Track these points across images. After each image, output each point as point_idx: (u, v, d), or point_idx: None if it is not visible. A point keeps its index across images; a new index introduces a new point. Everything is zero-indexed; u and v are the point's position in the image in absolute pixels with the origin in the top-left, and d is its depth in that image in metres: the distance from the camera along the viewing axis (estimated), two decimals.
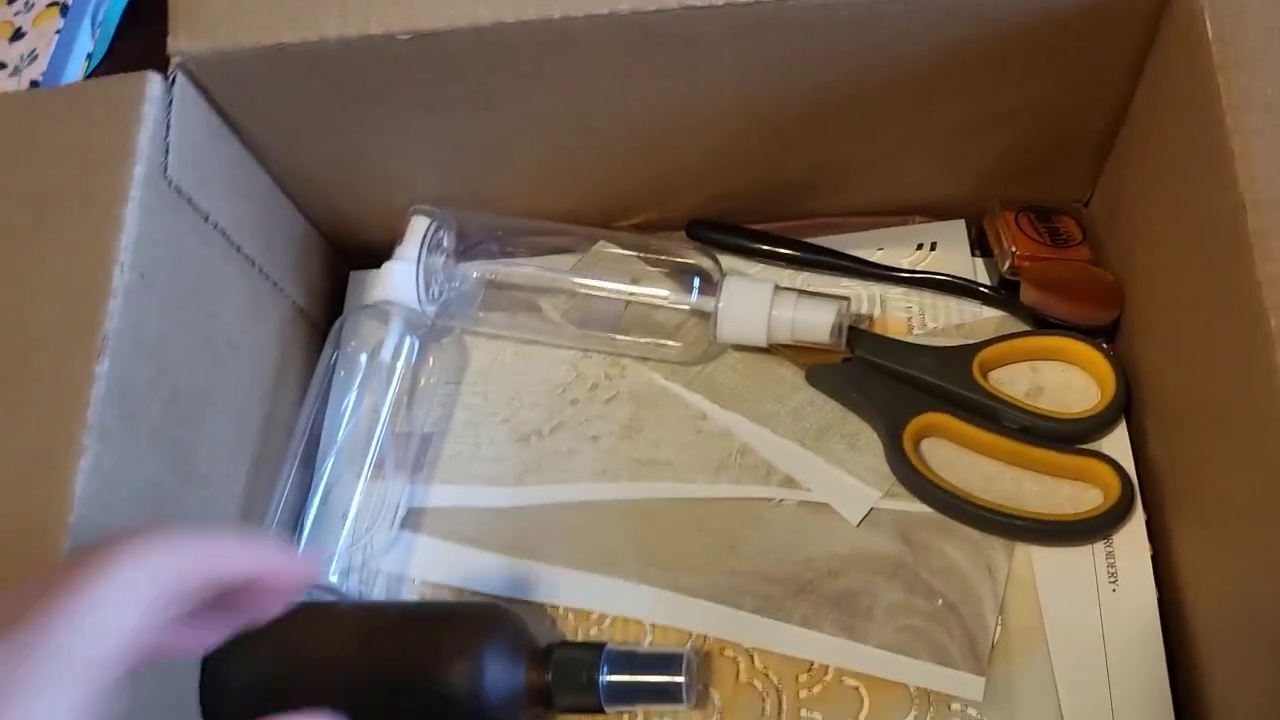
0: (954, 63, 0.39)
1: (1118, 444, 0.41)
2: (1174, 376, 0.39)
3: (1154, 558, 0.39)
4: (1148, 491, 0.40)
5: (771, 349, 0.44)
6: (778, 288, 0.43)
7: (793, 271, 0.47)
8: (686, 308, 0.44)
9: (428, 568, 0.43)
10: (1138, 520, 0.39)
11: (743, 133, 0.43)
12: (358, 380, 0.45)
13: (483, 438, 0.45)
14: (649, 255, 0.46)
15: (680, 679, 0.37)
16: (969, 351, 0.42)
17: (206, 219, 0.41)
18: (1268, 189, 0.31)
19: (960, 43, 0.38)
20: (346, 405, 0.45)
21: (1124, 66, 0.39)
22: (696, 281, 0.44)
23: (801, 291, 0.43)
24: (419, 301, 0.45)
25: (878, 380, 0.42)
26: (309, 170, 0.46)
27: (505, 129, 0.43)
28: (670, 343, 0.45)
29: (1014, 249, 0.44)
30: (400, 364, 0.45)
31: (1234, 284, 0.32)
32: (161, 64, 0.39)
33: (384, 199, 0.48)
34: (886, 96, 0.41)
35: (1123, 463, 0.40)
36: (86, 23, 0.60)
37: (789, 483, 0.42)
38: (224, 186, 0.42)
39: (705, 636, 0.39)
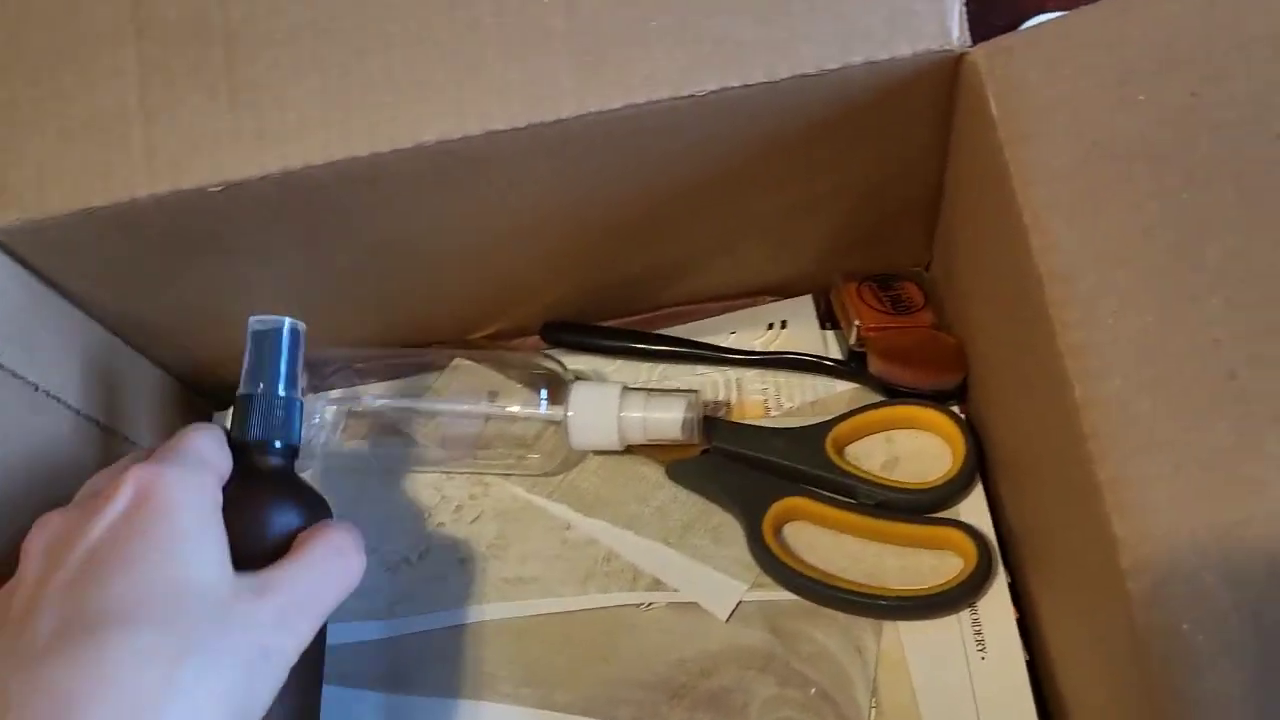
0: (765, 156, 0.39)
1: (975, 508, 0.41)
2: (1012, 438, 0.39)
3: (1021, 620, 0.39)
4: (1010, 554, 0.40)
5: (629, 449, 0.44)
6: (625, 389, 0.42)
7: (650, 365, 0.47)
8: (541, 419, 0.44)
9: None
10: (1000, 585, 0.39)
11: (574, 238, 0.43)
12: None
13: None
14: (503, 367, 0.46)
15: None
16: (822, 430, 0.43)
17: (37, 389, 0.40)
18: (1060, 260, 0.32)
19: (767, 137, 0.38)
20: None
21: (929, 142, 0.40)
22: (544, 392, 0.43)
23: (650, 390, 0.43)
24: None
25: (736, 469, 0.42)
26: (149, 320, 0.45)
27: (338, 263, 0.43)
28: (530, 455, 0.44)
29: (858, 321, 0.44)
30: None
31: (1042, 353, 0.33)
32: None
33: (233, 338, 0.48)
34: (708, 192, 0.41)
35: (981, 527, 0.40)
36: None
37: (656, 585, 0.41)
38: (55, 351, 0.41)
39: None
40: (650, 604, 0.41)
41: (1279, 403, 0.29)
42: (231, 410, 0.38)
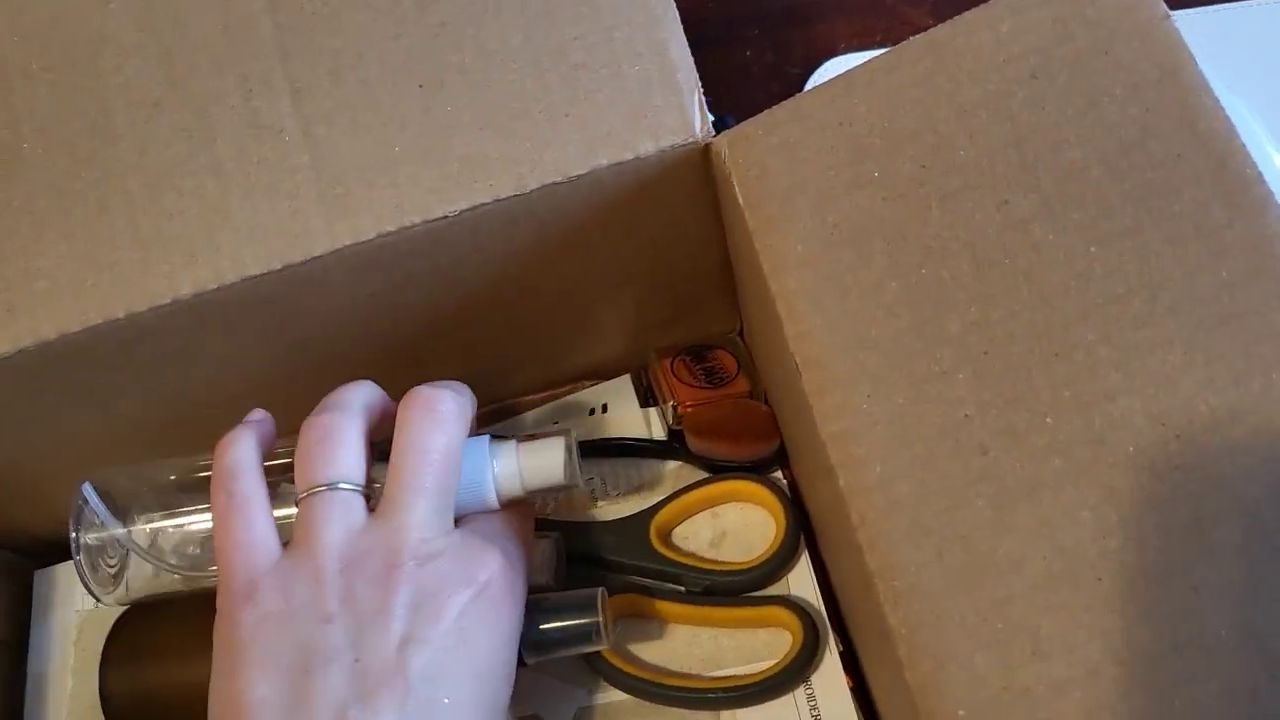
0: (539, 259, 0.39)
1: (803, 579, 0.41)
2: (815, 509, 0.39)
3: (858, 689, 0.39)
4: (841, 619, 0.40)
5: None
6: (493, 437, 0.39)
7: None
8: None
9: None
10: (831, 657, 0.39)
11: (370, 358, 0.42)
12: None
13: None
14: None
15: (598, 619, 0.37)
16: (644, 519, 0.42)
17: None
18: (813, 347, 0.32)
19: (533, 244, 0.38)
20: None
21: (702, 223, 0.40)
22: None
23: (521, 437, 0.39)
24: (93, 593, 0.43)
25: (568, 569, 0.42)
26: None
27: (129, 414, 0.42)
28: None
29: (673, 401, 0.44)
30: None
31: (811, 438, 0.33)
32: None
33: (45, 497, 0.46)
34: (493, 299, 0.41)
35: (810, 598, 0.40)
36: None
37: None
38: None
39: None
40: None
41: (1029, 474, 0.29)
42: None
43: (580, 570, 0.42)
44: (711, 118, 0.54)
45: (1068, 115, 0.32)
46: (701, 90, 0.36)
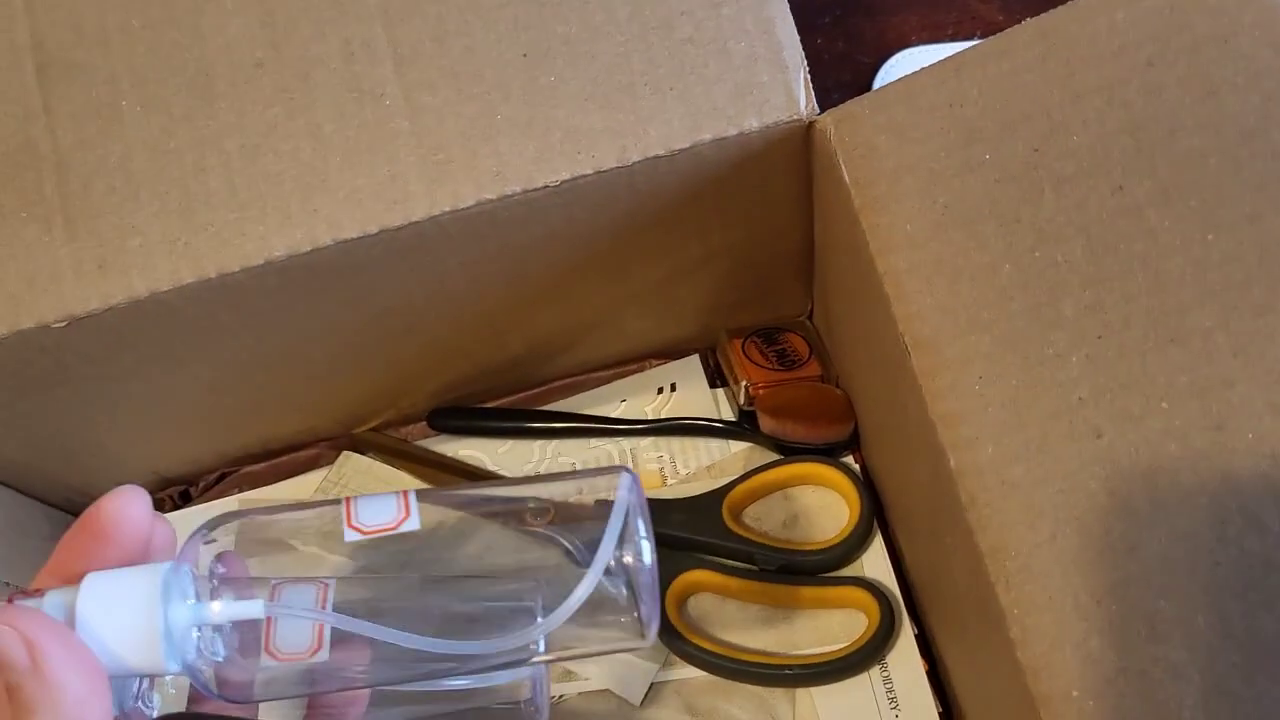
0: (629, 234, 0.39)
1: (877, 561, 0.41)
2: (902, 493, 0.39)
3: (932, 672, 0.39)
4: (916, 603, 0.41)
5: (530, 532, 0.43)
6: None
7: (542, 443, 0.46)
8: None
9: None
10: (907, 639, 0.39)
11: (449, 328, 0.42)
12: None
13: None
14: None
15: None
16: (717, 497, 0.42)
17: None
18: (924, 328, 0.32)
19: (628, 217, 0.38)
20: None
21: (793, 204, 0.40)
22: None
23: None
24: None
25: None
26: (18, 455, 0.43)
27: (208, 379, 0.42)
28: None
29: (746, 381, 0.44)
30: None
31: (917, 419, 0.33)
32: None
33: (109, 463, 0.46)
34: (578, 272, 0.41)
35: (883, 581, 0.40)
36: None
37: (567, 675, 0.41)
38: None
39: None
40: (563, 695, 0.40)
41: (1144, 458, 0.29)
42: None
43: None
44: None
45: (1185, 103, 0.32)
46: (807, 68, 0.36)
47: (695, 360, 0.47)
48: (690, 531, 0.42)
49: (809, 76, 0.36)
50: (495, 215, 0.36)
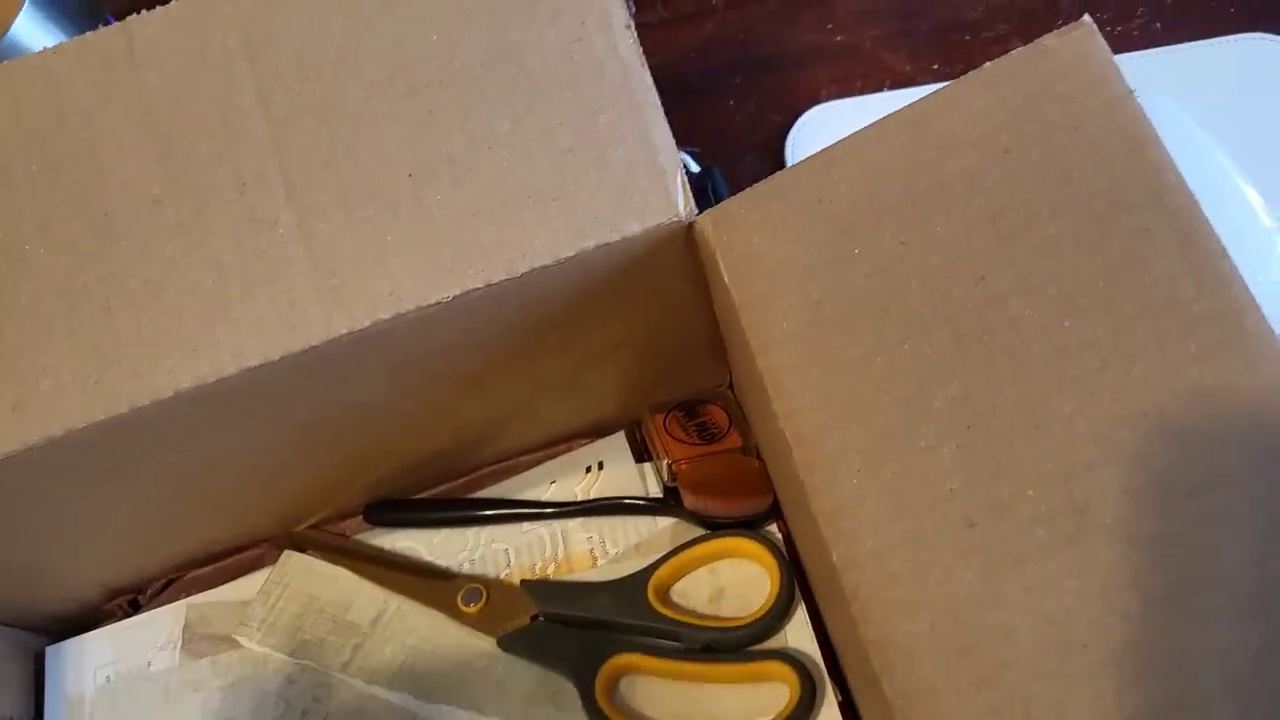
0: (529, 336, 0.40)
1: (800, 631, 0.42)
2: (813, 564, 0.40)
3: None
4: (841, 670, 0.41)
5: (459, 618, 0.44)
6: None
7: (475, 530, 0.47)
8: None
9: None
10: (830, 708, 0.40)
11: (372, 433, 0.43)
12: None
13: None
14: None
15: None
16: (643, 577, 0.43)
17: None
18: (803, 424, 0.33)
19: (524, 323, 0.39)
20: None
21: (690, 292, 0.41)
22: None
23: None
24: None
25: (565, 634, 0.43)
26: None
27: (142, 498, 0.43)
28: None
29: (667, 459, 0.45)
30: None
31: (804, 511, 0.34)
32: None
33: (56, 578, 0.47)
34: (487, 373, 0.42)
35: (808, 650, 0.41)
36: None
37: None
38: None
39: None
40: None
41: (1015, 545, 0.30)
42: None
43: (579, 632, 0.43)
44: (698, 167, 0.56)
45: (1041, 190, 0.33)
46: (684, 172, 0.37)
47: (620, 437, 0.48)
48: (618, 614, 0.42)
49: (685, 179, 0.37)
50: (393, 333, 0.37)
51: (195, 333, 0.37)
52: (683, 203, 0.37)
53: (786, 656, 0.41)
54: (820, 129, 0.57)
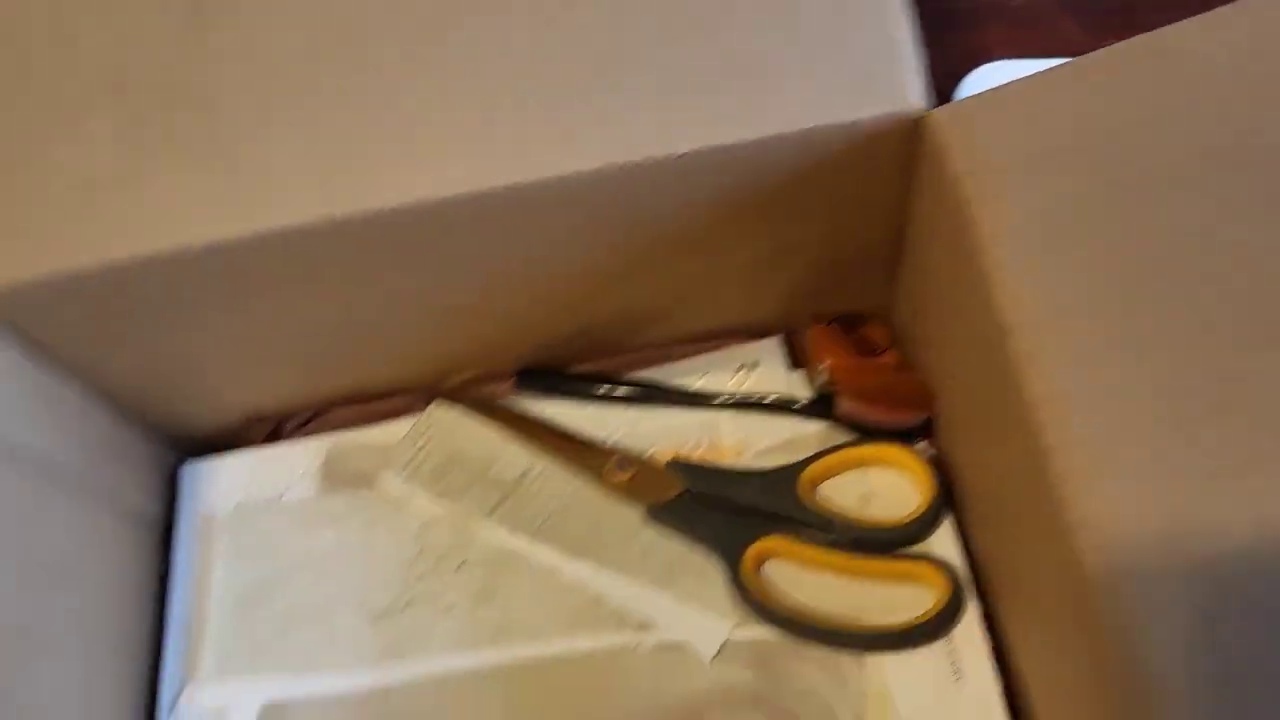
0: (736, 211, 0.41)
1: (945, 542, 0.43)
2: (980, 476, 0.41)
3: (995, 649, 0.41)
4: (982, 584, 0.42)
5: (610, 490, 0.45)
6: None
7: (623, 409, 0.48)
8: None
9: None
10: (972, 616, 0.41)
11: (548, 292, 0.44)
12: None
13: (336, 624, 0.44)
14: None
15: None
16: (794, 470, 0.44)
17: (14, 447, 0.40)
18: (1025, 313, 0.34)
19: (738, 193, 0.40)
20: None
21: (890, 195, 0.41)
22: None
23: None
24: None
25: (713, 511, 0.44)
26: (125, 378, 0.45)
27: (316, 320, 0.44)
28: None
29: (826, 363, 0.46)
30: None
31: (1010, 400, 0.34)
32: None
33: (209, 394, 0.48)
34: (681, 245, 0.42)
35: (951, 561, 0.42)
36: None
37: (644, 626, 0.42)
38: (29, 409, 0.41)
39: None
40: (639, 645, 0.42)
41: (1237, 452, 0.31)
42: None
43: (730, 518, 0.44)
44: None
45: None
46: (924, 62, 0.38)
47: (775, 341, 0.49)
48: (767, 502, 0.43)
49: (927, 73, 0.38)
50: (618, 180, 0.38)
51: (428, 151, 0.38)
52: (919, 94, 0.38)
53: (937, 561, 0.41)
54: (988, 85, 0.58)
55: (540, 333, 0.48)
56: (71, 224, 0.38)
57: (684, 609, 0.42)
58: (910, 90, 0.37)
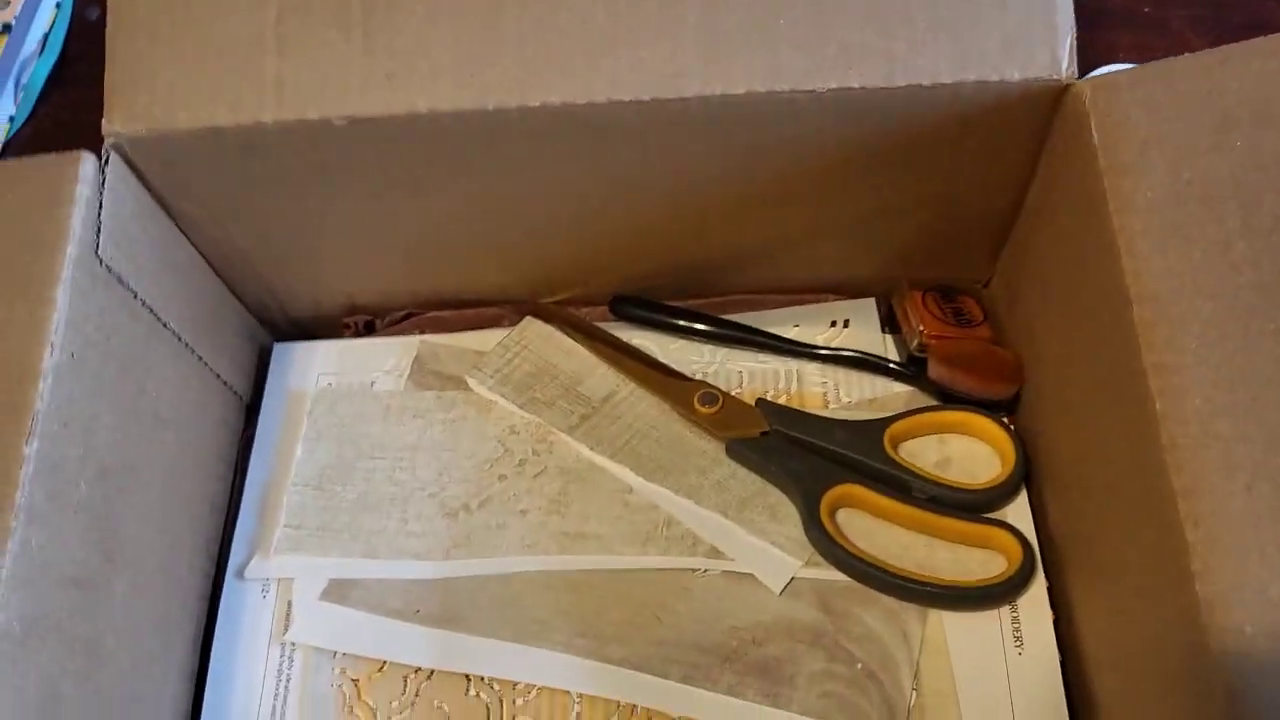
0: (863, 156, 0.41)
1: (1020, 513, 0.43)
2: (1070, 450, 0.41)
3: (1056, 622, 0.41)
4: (1048, 558, 0.43)
5: (693, 420, 0.46)
6: None
7: (713, 347, 0.49)
8: None
9: (350, 641, 0.43)
10: (1039, 586, 0.41)
11: (664, 216, 0.45)
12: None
13: (410, 513, 0.45)
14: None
15: None
16: (881, 425, 0.45)
17: (135, 296, 0.41)
18: (1150, 285, 0.34)
19: (870, 139, 0.40)
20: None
21: (1020, 163, 0.42)
22: None
23: None
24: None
25: (794, 454, 0.44)
26: (237, 246, 0.46)
27: (435, 213, 0.45)
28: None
29: (921, 328, 0.46)
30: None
31: (1124, 369, 0.35)
32: (86, 129, 0.40)
33: (310, 273, 0.49)
34: (800, 185, 0.43)
35: (1024, 531, 0.42)
36: (10, 84, 0.59)
37: (713, 553, 0.43)
38: (152, 263, 0.42)
39: (634, 706, 0.40)
40: (707, 570, 0.43)
41: None
42: None
43: (807, 456, 0.44)
44: None
45: None
46: (1075, 33, 0.38)
47: (871, 303, 0.50)
48: (851, 450, 0.44)
49: (1074, 42, 0.38)
50: (758, 108, 0.39)
51: (576, 55, 0.39)
52: (1067, 62, 0.38)
53: (1014, 529, 0.42)
54: None
55: (643, 261, 0.48)
56: (223, 84, 0.39)
57: (755, 542, 0.43)
58: (1062, 57, 0.38)
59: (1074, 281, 0.40)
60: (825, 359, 0.48)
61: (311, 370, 0.50)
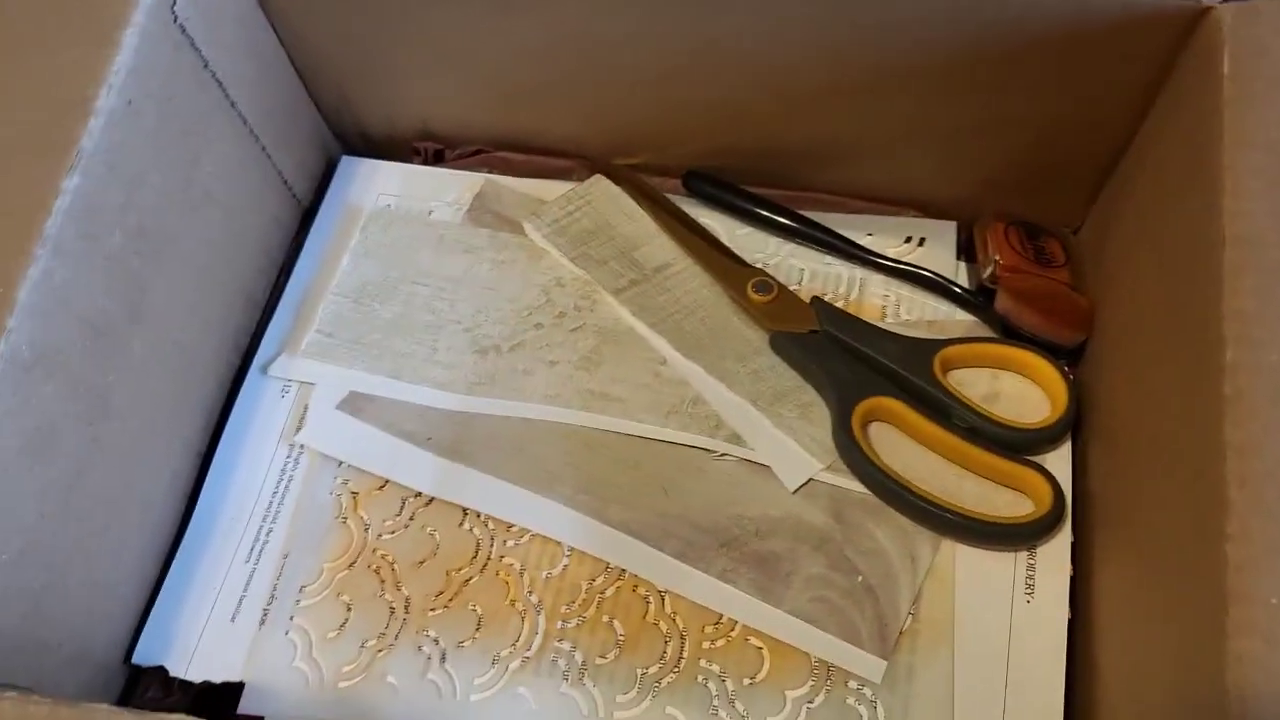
0: (971, 55, 0.39)
1: (1060, 462, 0.41)
2: (1128, 408, 0.39)
3: (1073, 580, 0.39)
4: (1079, 515, 0.40)
5: (743, 306, 0.44)
6: None
7: (780, 240, 0.47)
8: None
9: (358, 454, 0.43)
10: (1063, 539, 0.39)
11: (753, 87, 0.43)
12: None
13: (440, 343, 0.45)
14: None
15: None
16: (934, 346, 0.42)
17: (206, 65, 0.40)
18: (1250, 226, 0.32)
19: (981, 34, 0.38)
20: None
21: (1137, 92, 0.39)
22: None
23: None
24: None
25: (839, 357, 0.42)
26: (321, 44, 0.45)
27: (519, 37, 0.43)
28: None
29: (998, 258, 0.44)
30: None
31: (1200, 315, 0.32)
32: None
33: (389, 88, 0.48)
34: (900, 78, 0.41)
35: (1061, 479, 0.40)
36: None
37: (734, 439, 0.42)
38: (231, 39, 0.41)
39: (622, 570, 0.40)
40: (724, 454, 0.41)
41: None
42: None
43: (852, 363, 0.42)
44: None
45: None
46: None
47: (951, 226, 0.47)
48: (899, 365, 0.42)
49: None
50: None
51: None
52: None
53: (1049, 474, 0.40)
54: None
55: (722, 137, 0.47)
56: None
57: (779, 436, 0.41)
58: None
59: (1169, 223, 0.37)
60: (892, 272, 0.46)
61: (373, 188, 0.49)
